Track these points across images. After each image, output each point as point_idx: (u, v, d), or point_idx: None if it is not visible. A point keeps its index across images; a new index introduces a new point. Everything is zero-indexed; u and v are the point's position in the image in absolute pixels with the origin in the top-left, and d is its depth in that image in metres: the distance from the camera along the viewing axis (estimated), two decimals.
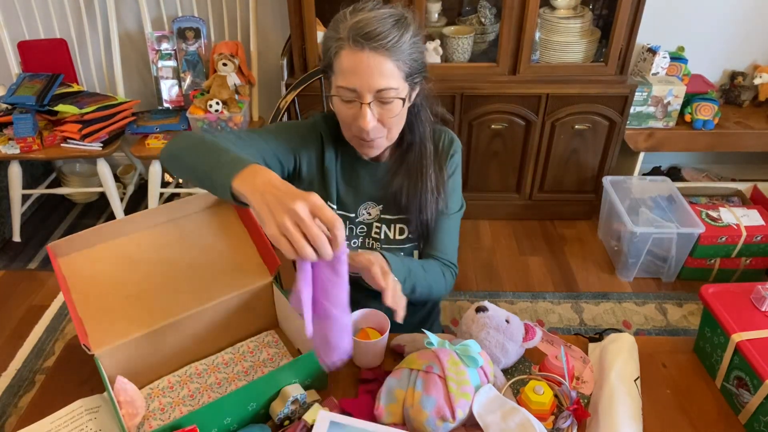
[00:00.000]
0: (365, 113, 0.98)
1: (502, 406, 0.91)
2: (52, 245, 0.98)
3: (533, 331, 1.05)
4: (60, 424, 0.90)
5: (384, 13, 0.96)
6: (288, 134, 1.12)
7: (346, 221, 1.16)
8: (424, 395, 0.89)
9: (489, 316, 1.03)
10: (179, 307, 1.01)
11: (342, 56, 0.96)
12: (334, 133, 1.13)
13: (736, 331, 0.96)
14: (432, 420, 0.87)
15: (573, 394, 0.94)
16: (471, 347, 0.94)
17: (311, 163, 1.14)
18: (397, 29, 0.95)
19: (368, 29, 0.93)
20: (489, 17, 2.40)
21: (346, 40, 0.95)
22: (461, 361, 0.93)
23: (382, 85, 0.96)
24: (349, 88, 0.97)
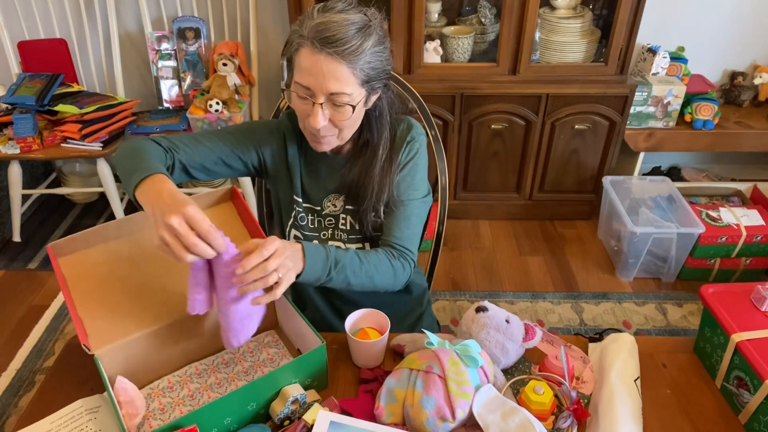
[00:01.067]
0: (316, 113, 1.00)
1: (502, 406, 0.91)
2: (52, 245, 0.98)
3: (533, 331, 1.05)
4: (60, 424, 0.90)
5: (349, 18, 0.96)
6: (250, 132, 1.15)
7: (313, 213, 1.18)
8: (424, 395, 0.89)
9: (489, 316, 1.03)
10: (179, 306, 1.00)
11: (301, 54, 0.97)
12: (298, 129, 1.14)
13: (736, 331, 0.96)
14: (432, 420, 0.87)
15: (573, 394, 0.94)
16: (471, 347, 0.94)
17: (275, 158, 1.17)
18: (359, 37, 0.96)
19: (328, 33, 0.94)
20: (489, 17, 2.40)
21: (306, 39, 0.96)
22: (461, 361, 0.93)
23: (335, 89, 0.97)
24: (303, 85, 0.99)
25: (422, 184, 1.17)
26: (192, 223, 0.82)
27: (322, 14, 0.97)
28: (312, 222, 1.19)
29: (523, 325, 1.05)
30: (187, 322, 1.01)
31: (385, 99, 1.10)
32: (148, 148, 1.00)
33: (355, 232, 1.18)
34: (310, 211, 1.19)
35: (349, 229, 1.18)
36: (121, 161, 0.98)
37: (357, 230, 1.18)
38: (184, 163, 1.07)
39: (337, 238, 1.19)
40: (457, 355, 0.94)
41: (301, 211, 1.18)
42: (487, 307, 1.04)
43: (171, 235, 0.81)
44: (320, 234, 1.19)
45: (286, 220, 1.21)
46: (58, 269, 0.98)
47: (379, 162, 1.12)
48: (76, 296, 0.97)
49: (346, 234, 1.19)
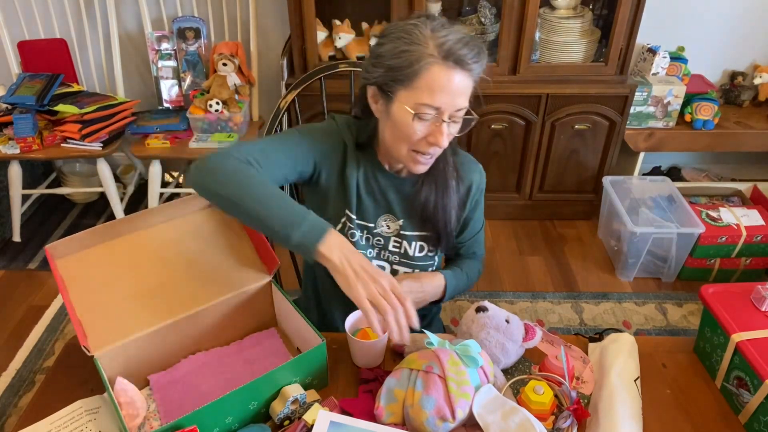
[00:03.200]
0: (443, 130, 0.97)
1: (502, 406, 0.91)
2: (50, 247, 0.98)
3: (533, 331, 1.04)
4: (60, 424, 0.90)
5: (468, 36, 0.96)
6: (312, 144, 1.08)
7: (363, 230, 1.15)
8: (424, 395, 0.89)
9: (489, 316, 1.02)
10: (178, 307, 1.01)
11: (432, 72, 0.93)
12: (359, 142, 1.11)
13: (736, 331, 0.96)
14: (432, 420, 0.87)
15: (573, 394, 0.94)
16: (471, 347, 0.94)
17: (331, 172, 1.11)
18: (483, 54, 0.96)
19: (464, 51, 0.93)
20: (489, 17, 2.40)
21: (438, 57, 0.93)
22: (461, 361, 0.93)
23: (464, 104, 0.97)
24: (433, 106, 0.95)
25: (482, 215, 1.28)
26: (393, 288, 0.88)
27: (440, 29, 0.95)
28: (362, 239, 1.16)
29: (522, 325, 1.05)
30: (186, 323, 1.01)
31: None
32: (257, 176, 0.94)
33: (409, 257, 1.18)
34: (362, 227, 1.15)
35: (403, 254, 1.17)
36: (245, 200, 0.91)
37: (410, 256, 1.17)
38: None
39: (383, 259, 1.18)
40: (457, 355, 0.94)
41: (353, 227, 1.14)
42: (487, 307, 1.04)
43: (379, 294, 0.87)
44: (366, 252, 1.16)
45: None
46: (56, 271, 0.98)
47: (453, 193, 1.14)
48: (74, 298, 0.97)
49: (397, 257, 1.17)
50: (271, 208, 0.90)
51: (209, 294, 1.03)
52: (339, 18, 2.33)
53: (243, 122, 2.38)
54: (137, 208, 2.76)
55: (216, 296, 1.03)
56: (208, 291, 1.03)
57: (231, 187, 0.92)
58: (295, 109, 1.53)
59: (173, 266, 1.04)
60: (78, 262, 1.00)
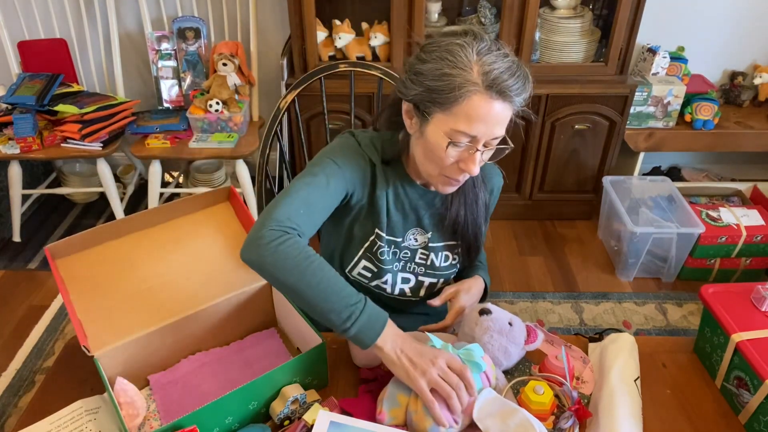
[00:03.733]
0: (476, 158, 0.96)
1: (501, 408, 0.91)
2: (50, 247, 0.98)
3: (535, 334, 1.04)
4: (60, 424, 0.90)
5: (515, 65, 0.92)
6: (341, 174, 1.03)
7: (391, 245, 1.14)
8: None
9: (492, 319, 1.01)
10: (178, 307, 1.01)
11: (474, 101, 0.90)
12: (382, 157, 1.09)
13: (736, 331, 0.96)
14: (435, 427, 0.87)
15: (574, 394, 0.94)
16: (474, 352, 0.94)
17: (362, 194, 1.08)
18: (527, 85, 0.94)
19: (509, 82, 0.90)
20: (489, 17, 2.40)
21: (481, 86, 0.90)
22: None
23: (499, 133, 0.96)
24: (470, 134, 0.93)
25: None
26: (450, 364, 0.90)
27: (487, 55, 0.91)
28: (388, 253, 1.14)
29: (525, 328, 1.04)
30: (186, 322, 1.01)
31: None
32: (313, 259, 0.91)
33: (435, 268, 1.18)
34: (390, 243, 1.14)
35: (429, 265, 1.17)
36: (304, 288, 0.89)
37: (437, 267, 1.18)
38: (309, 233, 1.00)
39: (409, 271, 1.17)
40: (460, 360, 0.93)
41: (383, 245, 1.12)
42: (490, 309, 1.02)
43: (438, 376, 0.88)
44: (393, 266, 1.15)
45: (354, 248, 1.14)
46: (56, 271, 0.98)
47: (482, 206, 1.15)
48: (74, 298, 0.97)
49: (423, 269, 1.17)
50: (328, 300, 0.89)
51: (209, 294, 1.03)
52: (339, 18, 2.33)
53: (243, 122, 2.38)
54: (137, 208, 2.76)
55: (216, 296, 1.03)
56: (208, 291, 1.03)
57: (287, 273, 0.89)
58: (295, 109, 1.53)
59: (173, 266, 1.04)
60: (78, 262, 1.00)
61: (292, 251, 0.90)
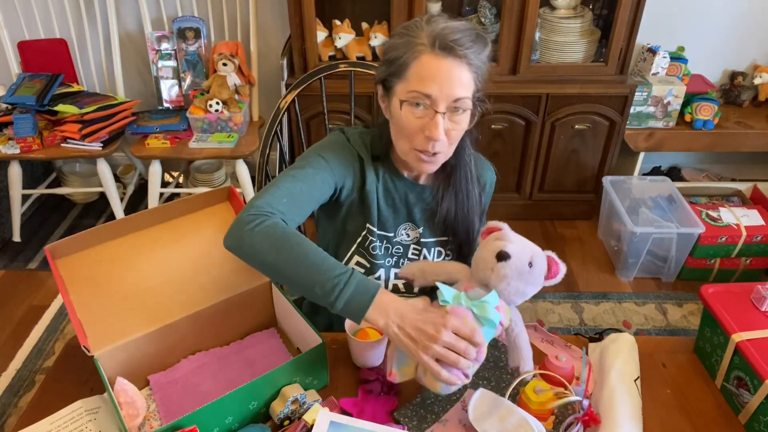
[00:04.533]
0: (438, 122, 0.94)
1: (498, 408, 0.91)
2: (50, 247, 0.98)
3: (557, 267, 0.92)
4: (60, 424, 0.90)
5: (466, 25, 0.95)
6: (328, 167, 1.04)
7: (383, 240, 1.14)
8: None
9: (511, 266, 0.88)
10: (178, 307, 1.01)
11: (422, 61, 0.93)
12: (372, 152, 1.10)
13: (736, 331, 0.96)
14: (446, 387, 0.86)
15: (585, 403, 0.92)
16: (489, 306, 0.86)
17: (351, 188, 1.09)
18: (479, 43, 0.95)
19: (455, 37, 0.92)
20: (489, 17, 2.40)
21: (428, 46, 0.93)
22: (477, 323, 0.86)
23: (460, 94, 0.94)
24: (424, 93, 0.93)
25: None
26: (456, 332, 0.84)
27: (435, 23, 0.94)
28: (381, 248, 1.14)
29: (546, 263, 0.92)
30: (186, 323, 1.01)
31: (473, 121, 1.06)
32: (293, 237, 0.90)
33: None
34: (382, 237, 1.14)
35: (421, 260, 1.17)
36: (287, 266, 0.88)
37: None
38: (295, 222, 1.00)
39: (401, 267, 1.15)
40: (473, 315, 0.86)
41: (374, 240, 1.12)
42: (509, 254, 0.88)
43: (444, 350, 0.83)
44: (385, 261, 1.15)
45: (347, 244, 1.14)
46: (56, 271, 0.98)
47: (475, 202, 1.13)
48: (74, 298, 0.97)
49: None
50: (310, 274, 0.86)
51: (209, 294, 1.03)
52: (339, 18, 2.33)
53: (243, 122, 2.38)
54: (137, 208, 2.76)
55: (216, 296, 1.03)
56: (208, 291, 1.03)
57: (266, 252, 0.88)
58: (295, 109, 1.53)
59: (173, 266, 1.04)
60: (78, 262, 1.00)
61: (270, 230, 0.89)
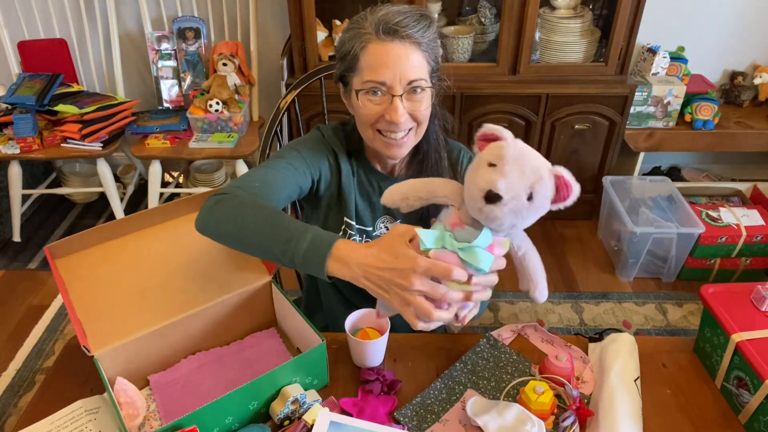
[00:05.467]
0: (397, 105, 0.95)
1: (496, 405, 0.92)
2: (50, 247, 0.98)
3: (567, 190, 0.77)
4: (60, 424, 0.90)
5: (407, 7, 0.96)
6: (302, 158, 1.06)
7: (363, 234, 1.15)
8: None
9: (503, 208, 0.74)
10: (178, 307, 1.01)
11: (369, 50, 0.94)
12: (346, 147, 1.10)
13: (736, 331, 0.96)
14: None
15: (575, 393, 0.94)
16: (478, 251, 0.75)
17: (328, 183, 1.10)
18: (423, 21, 0.95)
19: (396, 20, 0.93)
20: (489, 17, 2.40)
21: (373, 34, 0.93)
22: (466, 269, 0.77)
23: (414, 75, 0.94)
24: (378, 81, 0.94)
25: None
26: (429, 273, 0.76)
27: (377, 11, 0.95)
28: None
29: (552, 186, 0.77)
30: (186, 323, 1.01)
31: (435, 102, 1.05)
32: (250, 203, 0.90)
33: None
34: (361, 231, 1.15)
35: None
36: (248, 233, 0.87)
37: None
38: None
39: None
40: (460, 261, 0.77)
41: (354, 234, 1.13)
42: (500, 194, 0.73)
43: (419, 298, 0.77)
44: None
45: None
46: (56, 271, 0.98)
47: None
48: (74, 298, 0.97)
49: None
50: (268, 234, 0.85)
51: (209, 294, 1.03)
52: (339, 18, 2.33)
53: (243, 122, 2.38)
54: (137, 208, 2.76)
55: (216, 296, 1.03)
56: (208, 291, 1.03)
57: (226, 223, 0.89)
58: (295, 109, 1.53)
59: (173, 266, 1.04)
60: (78, 262, 1.00)
61: (231, 202, 0.90)
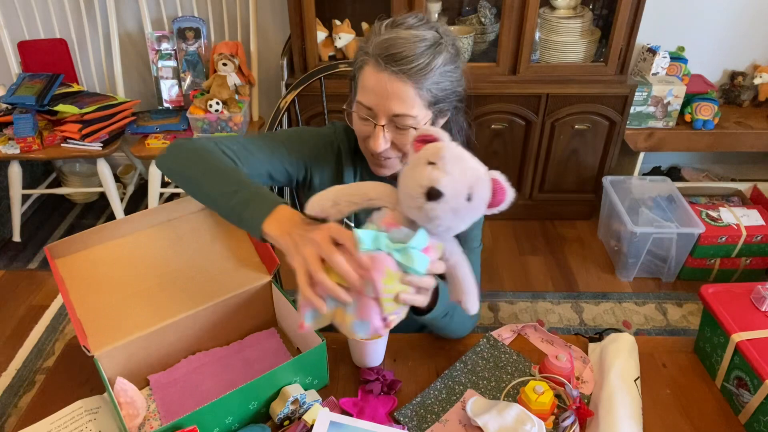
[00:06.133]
0: (378, 135, 0.93)
1: (495, 405, 0.92)
2: (50, 247, 0.98)
3: (502, 194, 0.75)
4: (60, 424, 0.90)
5: (419, 35, 0.89)
6: (301, 144, 1.06)
7: None
8: (357, 321, 0.75)
9: (444, 206, 0.71)
10: (178, 307, 1.01)
11: (365, 72, 0.92)
12: (354, 147, 1.09)
13: (736, 331, 0.96)
14: (365, 337, 0.77)
15: (575, 393, 0.94)
16: (414, 253, 0.73)
17: (325, 177, 1.09)
18: (428, 55, 0.89)
19: (394, 50, 0.88)
20: (489, 17, 2.40)
21: (371, 57, 0.90)
22: (400, 272, 0.74)
23: (399, 110, 0.91)
24: (365, 105, 0.93)
25: (479, 234, 1.15)
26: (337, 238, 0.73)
27: (389, 30, 0.91)
28: None
29: (489, 190, 0.74)
30: (186, 323, 1.01)
31: (454, 123, 1.02)
32: (223, 159, 0.92)
33: None
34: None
35: None
36: (203, 180, 0.89)
37: None
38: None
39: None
40: (396, 264, 0.74)
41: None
42: (442, 192, 0.70)
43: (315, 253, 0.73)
44: None
45: None
46: (56, 271, 0.98)
47: None
48: (74, 298, 0.97)
49: None
50: (218, 183, 0.87)
51: (209, 294, 1.03)
52: (339, 18, 2.33)
53: (243, 122, 2.38)
54: (137, 208, 2.76)
55: (216, 296, 1.03)
56: (208, 291, 1.03)
57: (187, 166, 0.92)
58: (295, 109, 1.53)
59: (173, 266, 1.04)
60: (78, 261, 1.00)
61: (194, 145, 0.93)
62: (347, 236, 0.73)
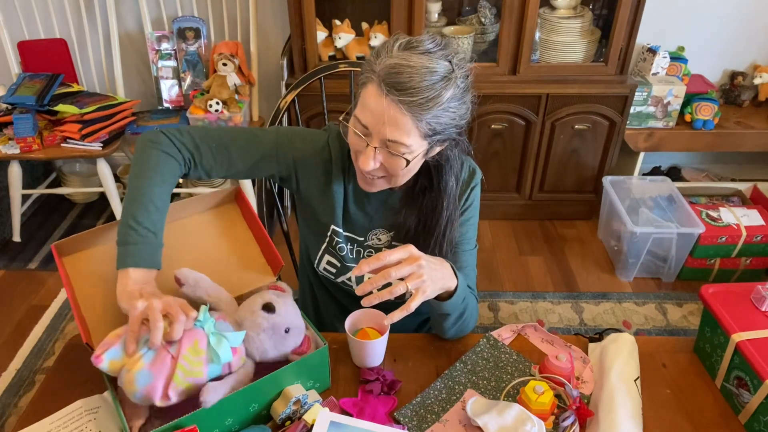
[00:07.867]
0: (368, 155, 0.92)
1: (495, 405, 0.92)
2: (57, 244, 0.98)
3: (308, 345, 0.94)
4: (60, 424, 0.90)
5: (429, 66, 0.86)
6: (287, 146, 1.06)
7: (354, 243, 1.13)
8: (145, 369, 0.82)
9: (271, 322, 0.88)
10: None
11: (368, 90, 0.89)
12: (346, 153, 1.07)
13: (736, 331, 0.96)
14: (139, 396, 0.82)
15: (575, 393, 0.94)
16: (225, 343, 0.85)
17: (312, 182, 1.09)
18: (434, 89, 0.86)
19: (399, 78, 0.85)
20: (489, 17, 2.40)
21: (375, 76, 0.87)
22: (205, 352, 0.85)
23: (393, 137, 0.89)
24: (362, 122, 0.91)
25: (474, 234, 1.16)
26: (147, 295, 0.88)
27: (401, 52, 0.87)
28: (351, 251, 1.13)
29: (303, 339, 0.93)
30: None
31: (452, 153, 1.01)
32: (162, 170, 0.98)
33: None
34: (351, 240, 1.13)
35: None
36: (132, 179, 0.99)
37: None
38: (207, 170, 1.04)
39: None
40: (206, 343, 0.85)
41: (340, 241, 1.11)
42: (274, 307, 0.88)
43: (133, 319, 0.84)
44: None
45: (316, 242, 1.14)
46: (62, 268, 0.98)
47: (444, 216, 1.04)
48: (79, 295, 0.97)
49: None
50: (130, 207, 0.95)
51: None
52: (339, 18, 2.33)
53: (243, 122, 2.38)
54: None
55: None
56: None
57: (132, 174, 0.99)
58: (295, 109, 1.53)
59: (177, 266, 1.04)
60: (83, 260, 1.00)
61: (146, 148, 0.99)
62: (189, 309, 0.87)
